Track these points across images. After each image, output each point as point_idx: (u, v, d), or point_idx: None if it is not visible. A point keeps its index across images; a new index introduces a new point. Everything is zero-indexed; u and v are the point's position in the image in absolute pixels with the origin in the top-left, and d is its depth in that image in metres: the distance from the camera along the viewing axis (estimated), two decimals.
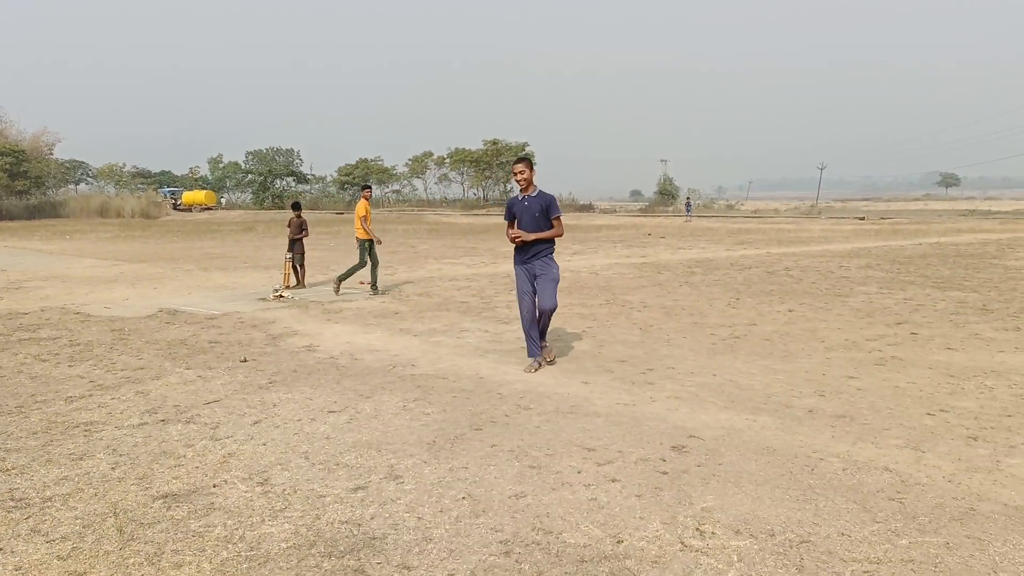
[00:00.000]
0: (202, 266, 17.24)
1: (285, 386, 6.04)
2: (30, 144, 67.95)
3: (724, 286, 12.75)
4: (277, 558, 3.14)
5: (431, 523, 3.50)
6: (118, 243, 26.53)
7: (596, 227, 39.71)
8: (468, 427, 4.97)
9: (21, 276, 14.97)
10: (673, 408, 5.44)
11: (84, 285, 13.31)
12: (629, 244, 24.95)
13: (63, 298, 11.49)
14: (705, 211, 68.67)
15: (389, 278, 14.56)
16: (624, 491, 3.90)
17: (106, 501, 3.70)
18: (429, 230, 37.10)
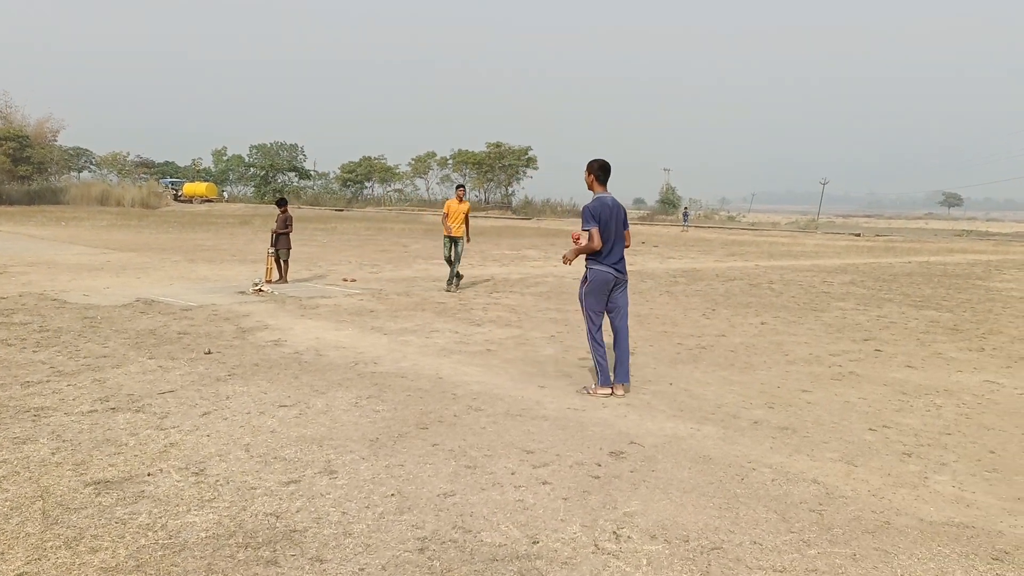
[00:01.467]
0: (189, 257, 17.32)
1: (243, 379, 6.11)
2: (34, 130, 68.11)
3: (703, 297, 12.82)
4: (193, 547, 3.20)
5: (354, 518, 3.56)
6: (112, 232, 26.61)
7: None
8: (415, 426, 5.04)
9: (8, 261, 15.04)
10: (622, 415, 5.51)
11: (69, 272, 13.39)
12: None
13: (45, 284, 11.56)
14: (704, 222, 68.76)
15: (372, 275, 14.63)
16: (552, 493, 3.96)
17: (38, 485, 3.77)
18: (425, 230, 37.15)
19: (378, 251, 21.78)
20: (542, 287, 13.68)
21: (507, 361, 7.30)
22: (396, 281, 13.96)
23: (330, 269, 15.86)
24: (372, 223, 43.24)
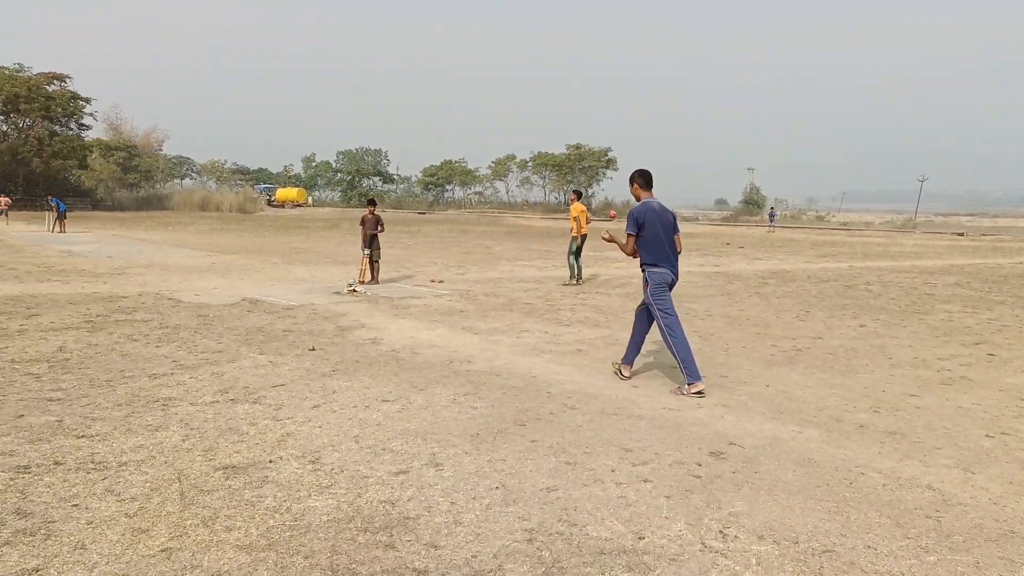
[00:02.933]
0: (287, 259, 18.06)
1: (346, 375, 6.37)
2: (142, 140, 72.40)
3: (795, 298, 12.48)
4: (317, 529, 3.39)
5: (463, 508, 3.69)
6: (214, 235, 28.02)
7: None
8: (512, 422, 5.15)
9: (125, 263, 16.08)
10: (719, 415, 5.46)
11: (179, 273, 14.20)
12: (704, 253, 24.58)
13: (159, 284, 12.31)
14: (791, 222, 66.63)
15: (459, 277, 14.91)
16: (654, 491, 3.99)
17: (173, 469, 4.06)
18: (506, 232, 37.50)
19: (462, 253, 22.15)
20: (628, 288, 13.61)
21: (598, 361, 7.33)
22: (482, 282, 14.17)
23: (417, 270, 16.24)
24: (454, 225, 43.95)
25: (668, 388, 6.25)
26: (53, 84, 57.56)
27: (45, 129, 55.51)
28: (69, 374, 6.05)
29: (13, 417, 4.85)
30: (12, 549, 3.08)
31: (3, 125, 56.14)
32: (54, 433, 4.57)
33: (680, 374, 6.25)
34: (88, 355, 6.77)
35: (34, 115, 54.65)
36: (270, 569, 3.00)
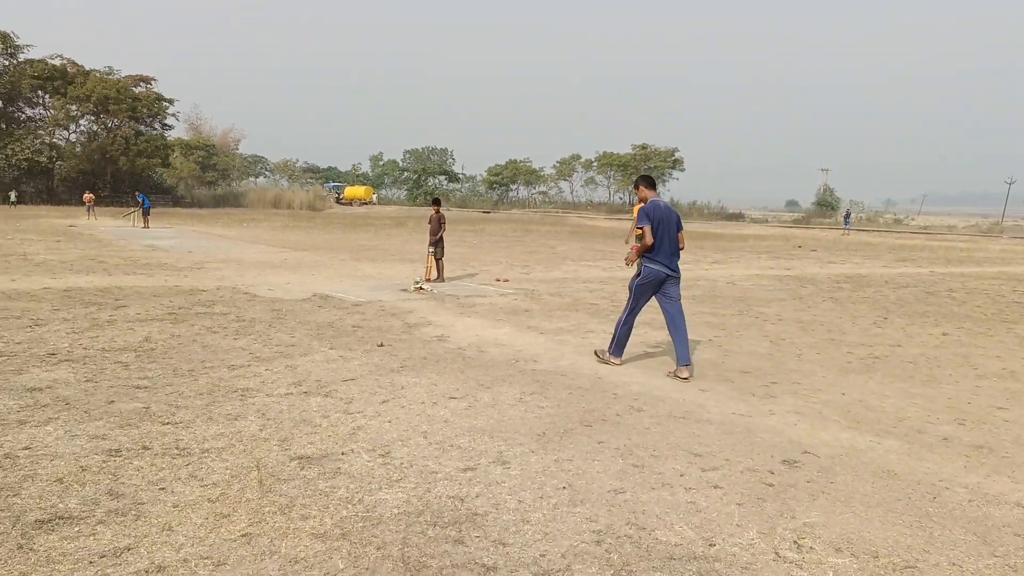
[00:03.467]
0: (355, 256, 18.46)
1: (414, 371, 6.47)
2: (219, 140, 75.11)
3: (872, 304, 12.06)
4: (388, 521, 3.46)
5: (530, 507, 3.70)
6: (286, 232, 28.85)
7: (742, 237, 38.41)
8: (579, 423, 5.14)
9: (204, 258, 16.72)
10: (791, 423, 5.33)
11: (254, 268, 14.68)
12: (775, 255, 24.00)
13: (235, 279, 12.76)
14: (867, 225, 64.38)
15: (523, 276, 14.95)
16: (725, 498, 3.92)
17: (252, 457, 4.21)
18: (570, 232, 37.41)
19: (526, 252, 22.20)
20: (694, 291, 13.40)
21: (665, 364, 7.24)
22: (547, 282, 14.17)
23: (482, 269, 16.36)
24: (518, 225, 44.08)
25: (738, 394, 6.14)
26: (140, 86, 60.22)
27: (131, 129, 58.09)
28: (154, 363, 6.33)
29: (105, 403, 5.10)
30: (106, 528, 3.25)
31: (94, 125, 59.01)
32: (142, 419, 4.79)
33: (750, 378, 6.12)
34: (171, 346, 7.06)
35: (122, 115, 57.25)
36: (344, 558, 3.08)
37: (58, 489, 3.64)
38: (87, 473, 3.86)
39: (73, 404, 5.05)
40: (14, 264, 13.62)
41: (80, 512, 3.40)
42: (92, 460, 4.04)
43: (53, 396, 5.22)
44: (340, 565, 3.03)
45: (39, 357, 6.37)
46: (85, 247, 18.41)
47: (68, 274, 12.48)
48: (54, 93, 56.13)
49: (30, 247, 17.52)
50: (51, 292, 10.21)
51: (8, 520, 3.27)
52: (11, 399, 5.09)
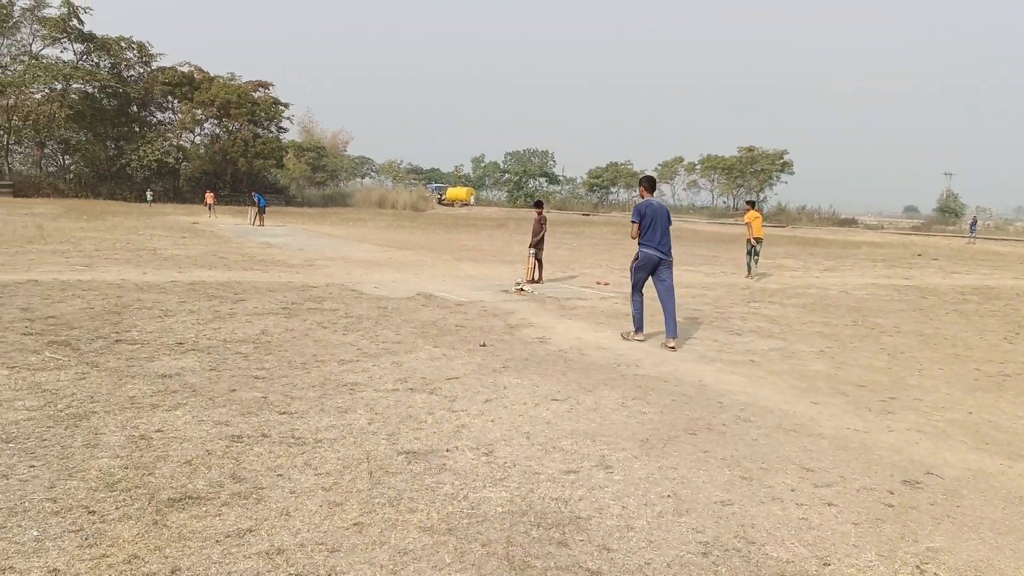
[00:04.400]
0: (457, 257, 18.80)
1: (516, 372, 6.53)
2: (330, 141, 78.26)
3: (1003, 318, 11.24)
4: (493, 519, 3.51)
5: (634, 513, 3.66)
6: (390, 232, 29.72)
7: (855, 243, 36.62)
8: (683, 430, 5.04)
9: (314, 256, 17.46)
10: (912, 441, 5.04)
11: (360, 266, 15.21)
12: (892, 264, 22.75)
13: (343, 276, 13.25)
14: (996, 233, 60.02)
15: (624, 280, 14.78)
16: (840, 516, 3.75)
17: (362, 449, 4.36)
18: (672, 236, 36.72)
19: (627, 256, 21.94)
20: (804, 299, 12.89)
21: (773, 373, 7.01)
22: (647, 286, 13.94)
23: (582, 272, 16.31)
24: (618, 228, 43.66)
25: (853, 408, 5.86)
26: (258, 91, 63.60)
27: (250, 132, 61.39)
28: (271, 355, 6.66)
29: (227, 391, 5.41)
30: (230, 510, 3.45)
31: (216, 128, 62.75)
32: (260, 408, 5.05)
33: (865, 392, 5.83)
34: (286, 339, 7.41)
35: (242, 119, 60.61)
36: (451, 553, 3.15)
37: (187, 470, 3.89)
38: (212, 457, 4.10)
39: (199, 391, 5.38)
40: (145, 258, 14.65)
41: (207, 493, 3.62)
42: (217, 445, 4.29)
43: (181, 383, 5.58)
44: (447, 559, 3.09)
45: (168, 346, 6.82)
46: (207, 243, 19.58)
47: (193, 268, 13.31)
48: (182, 98, 60.10)
49: (159, 243, 18.79)
50: (178, 285, 10.92)
51: (144, 497, 3.53)
52: (145, 384, 5.48)
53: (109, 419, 4.63)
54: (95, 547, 3.03)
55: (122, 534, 3.15)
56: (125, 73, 59.35)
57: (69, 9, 54.53)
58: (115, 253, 15.31)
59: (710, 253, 24.61)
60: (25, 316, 7.79)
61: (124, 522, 3.26)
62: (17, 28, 55.02)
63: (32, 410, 4.72)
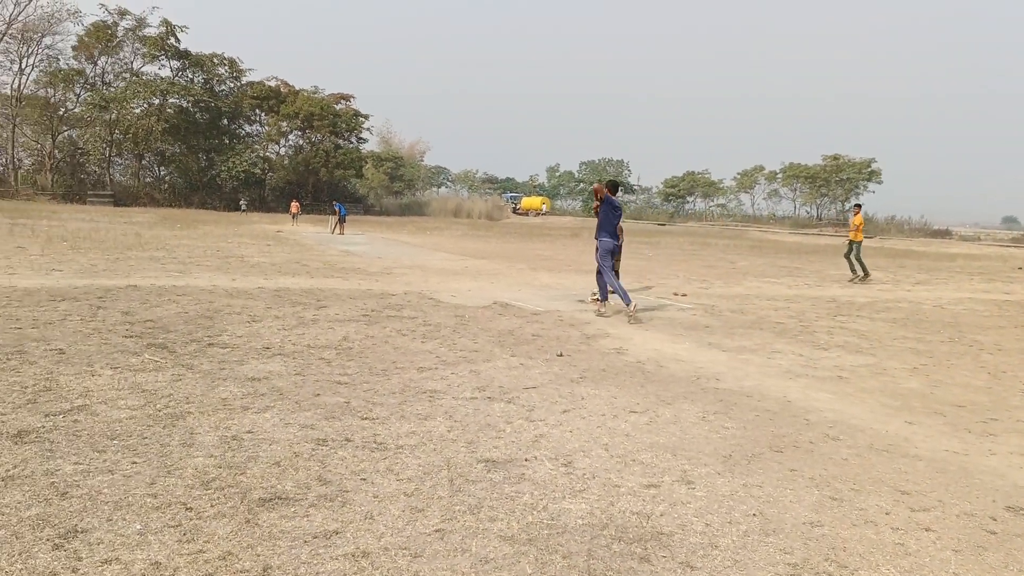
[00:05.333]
0: (532, 266, 18.85)
1: (593, 383, 6.48)
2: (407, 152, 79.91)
3: None
4: (573, 531, 3.49)
5: (718, 531, 3.58)
6: (466, 240, 30.07)
7: (949, 256, 34.85)
8: (767, 447, 4.90)
9: (392, 264, 17.83)
10: (1016, 465, 4.75)
11: (437, 275, 15.43)
12: (991, 277, 21.54)
13: (421, 285, 13.48)
14: None
15: (702, 291, 14.52)
16: (939, 543, 3.57)
17: (442, 456, 4.41)
18: (751, 247, 35.85)
19: (704, 266, 21.55)
20: (895, 313, 12.35)
21: (863, 391, 6.73)
22: (727, 298, 13.67)
23: (658, 283, 16.09)
24: (695, 238, 42.93)
25: (951, 429, 5.57)
26: (340, 103, 65.58)
27: (331, 143, 63.33)
28: (352, 361, 6.83)
29: (312, 395, 5.58)
30: (317, 511, 3.55)
31: (300, 140, 65.01)
32: (343, 413, 5.18)
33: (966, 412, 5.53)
34: (366, 346, 7.58)
35: (324, 130, 62.61)
36: (532, 564, 3.14)
37: (276, 471, 4.02)
38: (299, 459, 4.23)
39: (286, 394, 5.56)
40: (234, 265, 15.26)
41: (295, 494, 3.73)
42: (303, 447, 4.42)
43: (269, 386, 5.78)
44: (528, 569, 3.09)
45: (256, 350, 7.08)
46: (291, 251, 20.26)
47: (278, 275, 13.79)
48: (269, 111, 62.60)
49: (246, 250, 19.55)
50: (264, 291, 11.33)
51: (237, 495, 3.67)
52: (236, 386, 5.70)
53: (203, 419, 4.84)
54: (192, 542, 3.17)
55: (217, 531, 3.28)
56: (217, 88, 62.25)
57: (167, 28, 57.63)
58: (206, 260, 16.01)
59: (792, 264, 23.89)
60: (126, 319, 8.23)
61: (219, 519, 3.39)
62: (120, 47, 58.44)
63: (133, 409, 4.97)
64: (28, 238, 18.82)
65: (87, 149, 57.75)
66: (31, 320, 7.83)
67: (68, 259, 14.43)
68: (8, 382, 5.41)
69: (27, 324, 7.61)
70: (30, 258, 14.19)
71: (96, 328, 7.62)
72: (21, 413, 4.74)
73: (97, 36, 56.25)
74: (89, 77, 57.92)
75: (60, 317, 8.11)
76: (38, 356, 6.28)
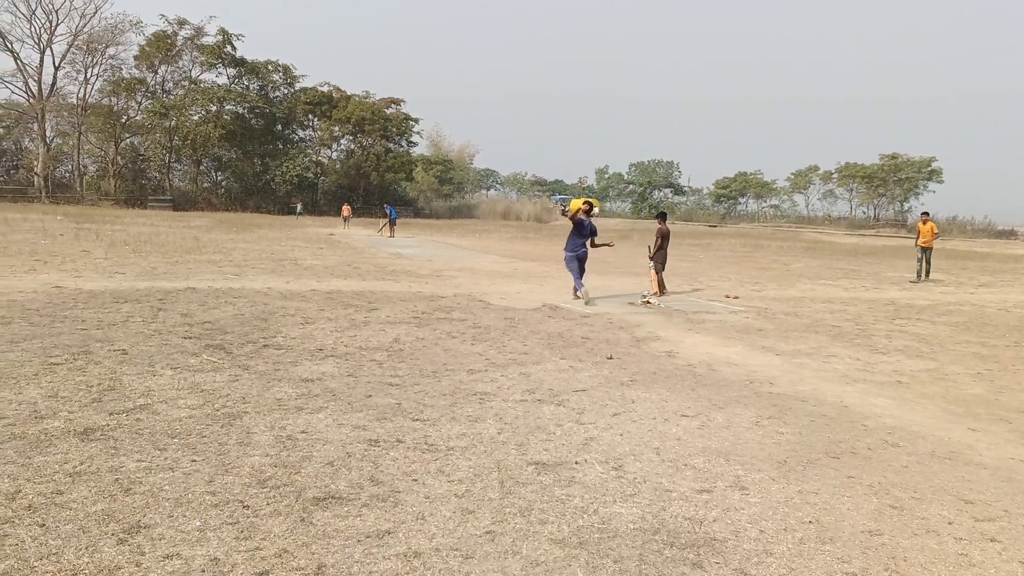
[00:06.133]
0: None
1: (644, 386, 6.43)
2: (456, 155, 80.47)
3: None
4: (624, 535, 3.46)
5: (773, 539, 3.51)
6: (515, 243, 30.14)
7: (1015, 257, 33.52)
8: (824, 453, 4.79)
9: (442, 266, 17.98)
10: None
11: (486, 277, 15.51)
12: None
13: (470, 287, 13.56)
14: None
15: (755, 293, 14.26)
16: (1004, 553, 3.44)
17: (492, 459, 4.43)
18: (806, 248, 35.08)
19: (757, 268, 21.17)
20: (957, 316, 11.93)
21: (923, 396, 6.52)
22: (781, 300, 13.40)
23: (709, 285, 15.87)
24: (747, 240, 42.21)
25: (1017, 437, 5.36)
26: (391, 107, 66.41)
27: (382, 147, 64.16)
28: (403, 363, 6.91)
29: (364, 396, 5.66)
30: (369, 511, 3.60)
31: (351, 144, 66.06)
32: (395, 414, 5.24)
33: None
34: (417, 348, 7.66)
35: (375, 135, 63.48)
36: (583, 567, 3.13)
37: (329, 471, 4.10)
38: (352, 459, 4.29)
39: (338, 395, 5.65)
40: (288, 268, 15.60)
41: (348, 494, 3.79)
42: (356, 448, 4.49)
43: (322, 387, 5.88)
44: (579, 573, 3.08)
45: (310, 352, 7.22)
46: (342, 254, 20.60)
47: (330, 278, 14.04)
48: (321, 116, 63.79)
49: (299, 253, 19.95)
50: (317, 294, 11.55)
51: (292, 494, 3.74)
52: (290, 387, 5.82)
53: (259, 419, 4.95)
54: (250, 539, 3.25)
55: (273, 529, 3.36)
56: (271, 94, 63.68)
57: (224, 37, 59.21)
58: (261, 263, 16.39)
59: (849, 266, 23.29)
60: (185, 321, 8.48)
61: (275, 518, 3.47)
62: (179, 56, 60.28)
63: (192, 408, 5.12)
64: (93, 242, 19.55)
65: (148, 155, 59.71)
66: (96, 321, 8.14)
67: (130, 262, 14.95)
68: (75, 381, 5.63)
69: (92, 325, 7.90)
70: (95, 261, 14.74)
71: (157, 329, 7.87)
72: (87, 411, 4.92)
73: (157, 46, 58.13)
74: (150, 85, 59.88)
75: (123, 319, 8.41)
76: (103, 356, 6.51)
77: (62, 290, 10.43)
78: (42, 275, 12.09)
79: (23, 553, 3.03)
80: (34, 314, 8.38)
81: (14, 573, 2.88)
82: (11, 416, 4.74)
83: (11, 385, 5.44)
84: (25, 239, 19.52)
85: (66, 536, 3.19)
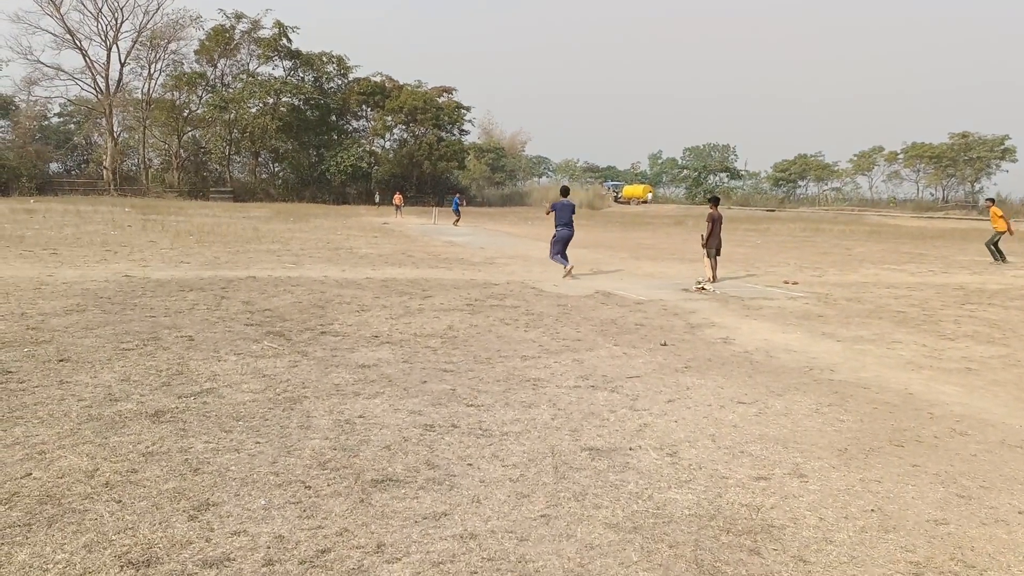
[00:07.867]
0: (634, 255, 18.62)
1: (698, 372, 6.36)
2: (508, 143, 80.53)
3: None
4: (679, 521, 3.45)
5: (833, 526, 3.45)
6: None
7: None
8: (887, 441, 4.67)
9: (494, 254, 18.05)
10: None
11: (539, 264, 15.51)
12: None
13: (523, 274, 13.59)
14: None
15: (815, 279, 13.92)
16: None
17: (546, 444, 4.45)
18: (869, 232, 34.05)
19: (818, 253, 20.65)
20: (1021, 302, 11.43)
21: (994, 383, 6.29)
22: (843, 286, 13.05)
23: (767, 270, 15.55)
24: (807, 224, 41.17)
25: None
26: (443, 96, 66.79)
27: (434, 136, 64.64)
28: (457, 350, 6.98)
29: (419, 382, 5.75)
30: (426, 494, 3.67)
31: (404, 133, 66.71)
32: (449, 399, 5.31)
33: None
34: (471, 334, 7.73)
35: (427, 124, 63.98)
36: (637, 551, 3.14)
37: (386, 455, 4.18)
38: (408, 443, 4.37)
39: (394, 381, 5.75)
40: (343, 257, 15.88)
41: (405, 477, 3.87)
42: (412, 432, 4.57)
43: (378, 373, 5.99)
44: (633, 557, 3.09)
45: (366, 338, 7.35)
46: (396, 242, 20.87)
47: (384, 266, 14.25)
48: (374, 106, 64.59)
49: (354, 242, 20.29)
50: (372, 282, 11.74)
51: (351, 476, 3.84)
52: (348, 373, 5.95)
53: (318, 403, 5.08)
54: (312, 519, 3.35)
55: (334, 509, 3.45)
56: (326, 85, 64.75)
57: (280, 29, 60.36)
58: (317, 252, 16.73)
59: (916, 250, 22.53)
60: (247, 309, 8.74)
61: (335, 498, 3.57)
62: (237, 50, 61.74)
63: (255, 393, 5.29)
64: (159, 233, 20.26)
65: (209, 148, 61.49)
66: (164, 309, 8.45)
67: (195, 252, 15.44)
68: (146, 366, 5.87)
69: (160, 313, 8.21)
70: (161, 251, 15.28)
71: (220, 316, 8.13)
72: (157, 395, 5.13)
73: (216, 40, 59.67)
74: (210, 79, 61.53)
75: (189, 306, 8.70)
76: (171, 342, 6.76)
77: (131, 279, 10.85)
78: (113, 264, 12.59)
79: (102, 527, 3.19)
80: (106, 302, 8.75)
81: (94, 546, 3.03)
82: (88, 398, 4.97)
83: (87, 369, 5.70)
84: (96, 230, 20.34)
85: (141, 512, 3.34)
